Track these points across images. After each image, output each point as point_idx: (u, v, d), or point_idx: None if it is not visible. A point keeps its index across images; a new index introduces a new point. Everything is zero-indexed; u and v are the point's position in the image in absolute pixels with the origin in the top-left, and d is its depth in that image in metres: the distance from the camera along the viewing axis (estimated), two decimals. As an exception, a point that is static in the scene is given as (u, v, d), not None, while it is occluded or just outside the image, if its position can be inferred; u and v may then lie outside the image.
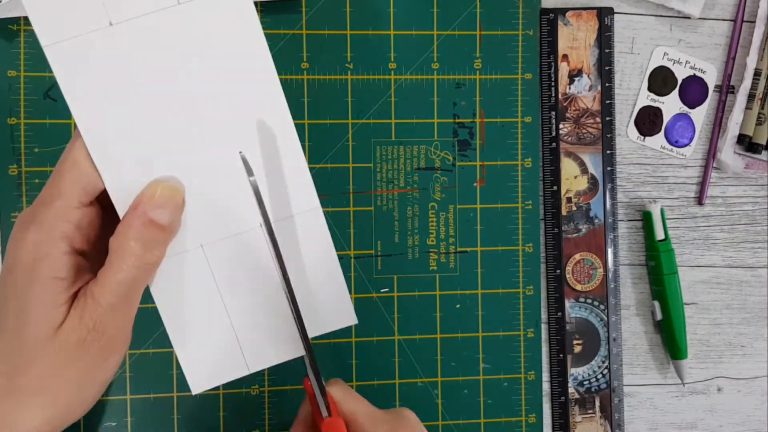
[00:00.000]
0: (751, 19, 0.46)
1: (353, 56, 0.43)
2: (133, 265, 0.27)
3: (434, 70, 0.43)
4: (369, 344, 0.43)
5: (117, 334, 0.28)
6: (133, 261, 0.27)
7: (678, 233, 0.47)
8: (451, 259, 0.44)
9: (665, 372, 0.47)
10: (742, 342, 0.47)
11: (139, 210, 0.28)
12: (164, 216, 0.28)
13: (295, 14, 0.42)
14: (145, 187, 0.28)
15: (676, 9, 0.45)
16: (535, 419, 0.45)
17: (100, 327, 0.27)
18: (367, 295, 0.43)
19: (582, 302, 0.45)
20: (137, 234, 0.27)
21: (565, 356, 0.45)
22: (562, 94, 0.44)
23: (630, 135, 0.46)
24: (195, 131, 0.29)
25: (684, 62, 0.46)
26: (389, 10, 0.43)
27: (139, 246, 0.27)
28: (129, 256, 0.27)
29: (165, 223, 0.28)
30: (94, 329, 0.27)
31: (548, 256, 0.45)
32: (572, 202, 0.45)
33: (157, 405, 0.41)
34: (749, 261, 0.47)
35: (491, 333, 0.44)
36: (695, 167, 0.47)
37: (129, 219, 0.28)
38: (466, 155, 0.44)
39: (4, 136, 0.40)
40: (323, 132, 0.43)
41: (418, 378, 0.44)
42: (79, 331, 0.27)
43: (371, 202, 0.43)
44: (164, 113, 0.28)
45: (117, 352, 0.29)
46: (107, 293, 0.27)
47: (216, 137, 0.29)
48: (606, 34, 0.44)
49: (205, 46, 0.28)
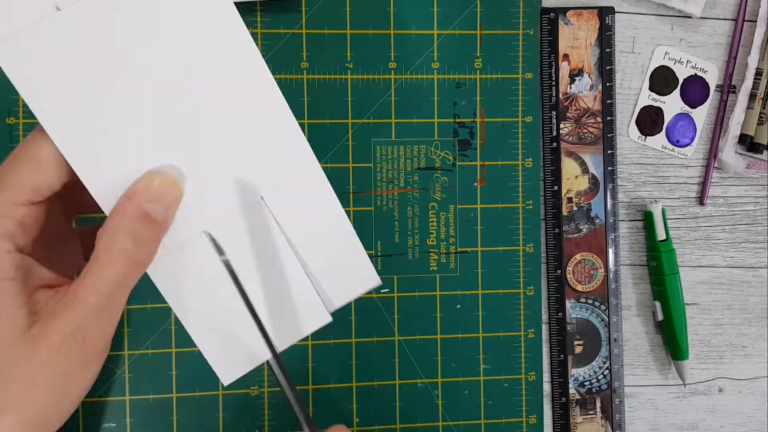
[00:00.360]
0: (753, 18, 0.46)
1: (353, 56, 0.43)
2: (124, 262, 0.25)
3: (434, 70, 0.43)
4: (369, 345, 0.43)
5: (99, 339, 0.25)
6: (124, 257, 0.25)
7: (679, 233, 0.47)
8: (452, 259, 0.44)
9: (666, 373, 0.47)
10: (743, 342, 0.47)
11: (133, 202, 0.25)
12: (160, 210, 0.25)
13: (295, 14, 0.42)
14: (140, 176, 0.26)
15: (677, 8, 0.45)
16: (535, 420, 0.45)
17: (80, 331, 0.25)
18: (367, 295, 0.43)
19: (583, 303, 0.45)
20: (130, 228, 0.25)
21: (565, 357, 0.45)
22: (562, 93, 0.44)
23: (631, 135, 0.46)
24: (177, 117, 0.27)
25: (685, 62, 0.46)
26: (389, 10, 0.43)
27: (130, 241, 0.25)
28: (119, 251, 0.25)
29: (160, 217, 0.26)
30: (72, 334, 0.24)
31: (549, 257, 0.45)
32: (573, 202, 0.44)
33: (156, 406, 0.41)
34: (750, 261, 0.47)
35: (492, 333, 0.44)
36: (696, 167, 0.47)
37: (121, 211, 0.25)
38: (467, 155, 0.44)
39: (3, 135, 0.40)
40: (323, 132, 0.43)
41: (419, 379, 0.43)
42: (54, 336, 0.24)
43: (371, 202, 0.43)
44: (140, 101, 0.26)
45: (98, 359, 0.26)
46: (93, 293, 0.25)
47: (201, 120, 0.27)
48: (607, 34, 0.44)
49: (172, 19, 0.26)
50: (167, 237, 0.27)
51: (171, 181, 0.26)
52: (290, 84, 0.42)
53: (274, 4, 0.42)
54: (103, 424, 0.41)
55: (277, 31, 0.42)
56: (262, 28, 0.42)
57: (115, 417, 0.41)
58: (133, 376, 0.41)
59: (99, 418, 0.41)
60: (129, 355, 0.41)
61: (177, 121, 0.27)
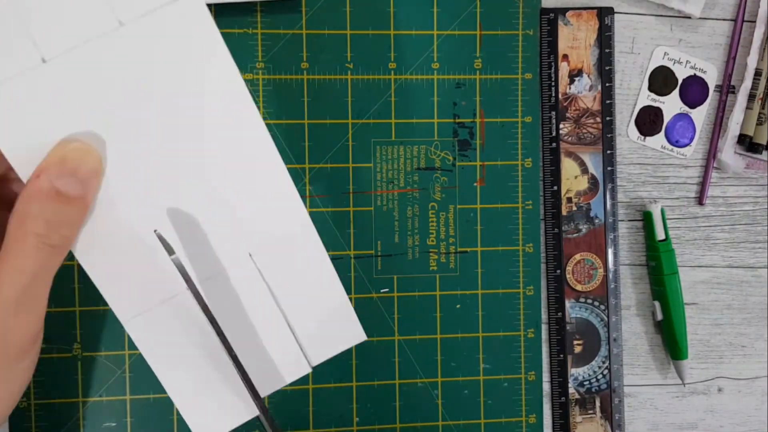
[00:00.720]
0: (752, 18, 0.46)
1: (353, 56, 0.43)
2: (37, 249, 0.22)
3: (434, 70, 0.43)
4: (369, 344, 0.43)
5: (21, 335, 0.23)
6: (36, 243, 0.22)
7: (678, 233, 0.47)
8: (451, 259, 0.44)
9: (666, 372, 0.47)
10: (742, 342, 0.47)
11: (42, 179, 0.22)
12: (74, 186, 0.22)
13: (295, 14, 0.42)
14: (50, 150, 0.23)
15: (676, 9, 0.45)
16: (535, 419, 0.45)
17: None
18: (367, 295, 0.43)
19: (582, 302, 0.45)
20: (40, 209, 0.22)
21: (565, 356, 0.45)
22: (562, 94, 0.44)
23: (630, 135, 0.46)
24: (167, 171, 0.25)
25: (684, 62, 0.46)
26: (389, 10, 0.43)
27: (42, 225, 0.22)
28: (30, 236, 0.22)
29: (76, 194, 0.22)
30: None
31: (548, 257, 0.45)
32: (572, 202, 0.45)
33: (157, 405, 0.41)
34: (750, 261, 0.47)
35: (491, 333, 0.44)
36: (696, 167, 0.47)
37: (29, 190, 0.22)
38: (466, 155, 0.44)
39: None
40: (323, 132, 0.43)
41: (418, 378, 0.44)
42: None
43: (371, 202, 0.43)
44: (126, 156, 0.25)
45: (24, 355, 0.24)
46: (6, 286, 0.22)
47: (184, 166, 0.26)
48: (606, 34, 0.44)
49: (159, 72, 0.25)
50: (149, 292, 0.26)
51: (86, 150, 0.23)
52: (290, 84, 0.42)
53: (274, 4, 0.42)
54: (104, 424, 0.41)
55: (277, 31, 0.42)
56: (262, 28, 0.42)
57: (115, 416, 0.41)
58: (133, 375, 0.41)
59: (99, 417, 0.41)
60: (129, 355, 0.41)
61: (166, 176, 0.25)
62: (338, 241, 0.43)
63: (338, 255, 0.43)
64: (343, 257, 0.43)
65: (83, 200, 0.23)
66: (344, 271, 0.43)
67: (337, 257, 0.43)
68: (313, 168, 0.42)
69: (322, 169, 0.43)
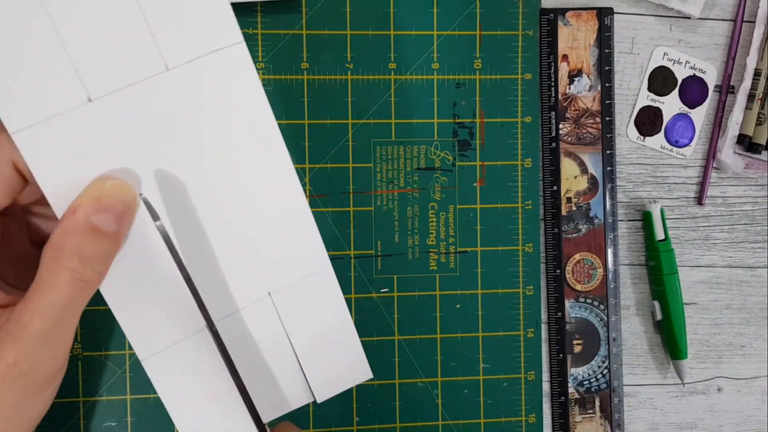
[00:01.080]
0: (751, 19, 0.46)
1: (353, 56, 0.43)
2: (70, 284, 0.22)
3: (434, 70, 0.44)
4: (369, 344, 0.43)
5: (48, 366, 0.23)
6: (70, 279, 0.22)
7: (678, 233, 0.47)
8: (451, 259, 0.44)
9: (665, 372, 0.47)
10: (742, 342, 0.47)
11: (79, 214, 0.22)
12: (110, 222, 0.23)
13: (295, 14, 0.42)
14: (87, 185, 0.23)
15: (676, 9, 0.45)
16: (535, 419, 0.45)
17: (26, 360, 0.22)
18: (367, 295, 0.43)
19: (582, 302, 0.45)
20: (75, 244, 0.22)
21: (565, 356, 0.45)
22: (562, 94, 0.44)
23: (630, 135, 0.46)
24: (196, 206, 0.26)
25: (684, 62, 0.46)
26: (389, 10, 0.43)
27: (76, 260, 0.22)
28: (64, 271, 0.22)
29: (111, 230, 0.23)
30: (16, 364, 0.22)
31: (548, 256, 0.45)
32: (572, 202, 0.45)
33: (157, 405, 0.41)
34: (749, 261, 0.47)
35: (491, 333, 0.44)
36: (695, 167, 0.47)
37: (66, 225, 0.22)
38: (466, 155, 0.44)
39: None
40: (323, 132, 0.43)
41: (418, 378, 0.44)
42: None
43: (371, 202, 0.43)
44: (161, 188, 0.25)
45: (49, 385, 0.24)
46: (37, 318, 0.22)
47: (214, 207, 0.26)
48: (606, 34, 0.44)
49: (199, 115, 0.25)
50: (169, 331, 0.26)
51: (122, 186, 0.23)
52: (290, 84, 0.42)
53: (275, 5, 0.42)
54: (104, 423, 0.41)
55: (278, 31, 0.42)
56: (262, 29, 0.42)
57: (115, 416, 0.41)
58: (134, 375, 0.41)
59: (100, 416, 0.41)
60: (130, 355, 0.41)
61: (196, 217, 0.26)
62: (338, 241, 0.43)
63: (338, 255, 0.43)
64: (343, 257, 0.43)
65: (117, 236, 0.23)
66: (344, 271, 0.43)
67: (337, 257, 0.43)
68: (313, 168, 0.43)
69: (322, 169, 0.43)
